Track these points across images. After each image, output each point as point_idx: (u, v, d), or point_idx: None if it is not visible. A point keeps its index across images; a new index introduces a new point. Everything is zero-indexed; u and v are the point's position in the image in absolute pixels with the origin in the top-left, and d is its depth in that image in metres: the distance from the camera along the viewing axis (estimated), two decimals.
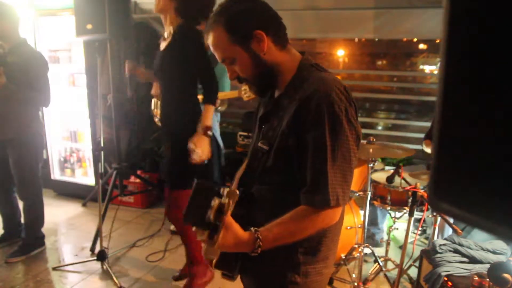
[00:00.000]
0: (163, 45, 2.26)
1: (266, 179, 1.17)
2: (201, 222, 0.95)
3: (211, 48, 1.16)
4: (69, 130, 4.30)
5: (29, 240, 3.06)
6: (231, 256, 1.14)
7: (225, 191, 0.95)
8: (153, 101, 3.15)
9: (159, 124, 3.17)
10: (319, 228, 1.10)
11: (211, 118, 2.24)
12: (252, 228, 1.05)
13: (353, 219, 2.81)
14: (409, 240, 2.40)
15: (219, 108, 3.23)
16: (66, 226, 3.65)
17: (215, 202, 0.94)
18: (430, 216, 2.70)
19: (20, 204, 3.11)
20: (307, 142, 1.06)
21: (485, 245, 2.31)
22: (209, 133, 2.20)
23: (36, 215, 3.08)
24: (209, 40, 1.15)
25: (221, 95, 3.07)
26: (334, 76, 1.12)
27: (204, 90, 2.25)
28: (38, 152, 3.05)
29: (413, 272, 2.71)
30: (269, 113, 1.22)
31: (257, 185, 1.19)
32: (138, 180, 3.94)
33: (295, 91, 1.12)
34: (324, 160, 1.03)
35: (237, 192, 0.94)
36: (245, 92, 2.90)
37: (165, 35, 2.24)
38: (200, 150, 2.15)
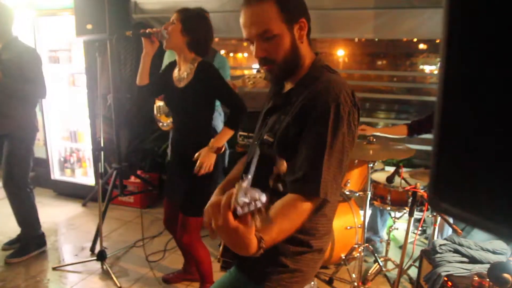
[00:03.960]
0: (178, 79, 2.22)
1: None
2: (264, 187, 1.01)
3: (247, 21, 1.14)
4: (69, 130, 4.29)
5: (28, 240, 3.05)
6: None
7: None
8: (155, 106, 3.13)
9: (164, 128, 3.16)
10: (304, 219, 1.07)
11: (225, 141, 2.24)
12: (258, 234, 0.93)
13: (353, 219, 2.80)
14: (409, 240, 2.40)
15: None
16: (66, 226, 3.65)
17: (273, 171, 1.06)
18: (430, 216, 2.70)
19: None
20: (308, 135, 1.10)
21: (485, 245, 2.31)
22: (217, 152, 2.22)
23: (27, 213, 2.99)
24: (250, 12, 1.13)
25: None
26: (343, 79, 1.16)
27: (231, 115, 2.24)
28: (29, 147, 2.96)
29: (413, 272, 2.70)
30: (277, 107, 1.26)
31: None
32: (138, 180, 3.94)
33: (305, 88, 1.16)
34: (321, 156, 1.07)
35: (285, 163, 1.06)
36: (249, 80, 2.87)
37: (181, 72, 2.21)
38: (205, 163, 2.16)
